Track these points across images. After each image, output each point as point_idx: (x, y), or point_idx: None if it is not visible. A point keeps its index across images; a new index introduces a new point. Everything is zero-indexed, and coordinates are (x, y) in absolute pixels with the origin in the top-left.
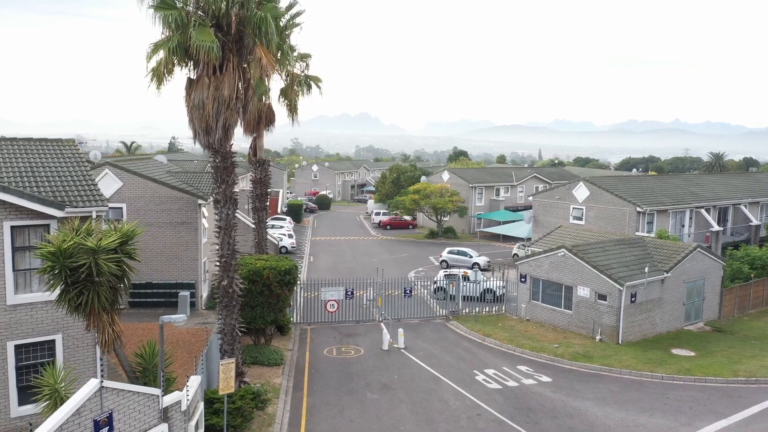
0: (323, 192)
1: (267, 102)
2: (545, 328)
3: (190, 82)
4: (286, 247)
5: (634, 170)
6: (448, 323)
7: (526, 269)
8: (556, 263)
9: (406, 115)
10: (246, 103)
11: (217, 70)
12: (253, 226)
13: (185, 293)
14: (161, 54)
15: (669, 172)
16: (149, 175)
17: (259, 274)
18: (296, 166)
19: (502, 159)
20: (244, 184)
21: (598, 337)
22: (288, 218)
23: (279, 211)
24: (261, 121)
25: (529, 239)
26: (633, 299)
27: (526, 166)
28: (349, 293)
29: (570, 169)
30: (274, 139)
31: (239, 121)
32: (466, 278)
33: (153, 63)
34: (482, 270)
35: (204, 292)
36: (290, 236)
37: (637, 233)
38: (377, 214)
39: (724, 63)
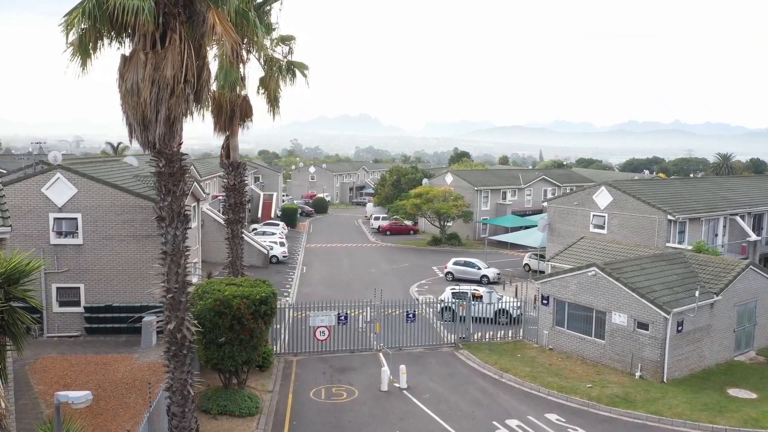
0: (320, 195)
1: (242, 93)
2: (572, 360)
3: (125, 61)
4: (277, 257)
5: (646, 172)
6: (457, 353)
7: (548, 290)
8: (586, 284)
9: (406, 116)
10: (199, 89)
11: (158, 44)
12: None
13: (151, 318)
14: (80, 24)
15: (674, 173)
16: (110, 180)
17: (227, 304)
18: (293, 167)
19: (504, 160)
20: None
21: (638, 374)
22: (281, 223)
23: (273, 215)
24: (235, 116)
25: (543, 248)
26: (680, 328)
27: (531, 167)
28: (341, 318)
29: (578, 171)
30: (273, 141)
31: (190, 113)
32: (477, 298)
33: (73, 36)
34: (491, 283)
35: None
36: (282, 244)
37: (667, 245)
38: (376, 218)
39: (699, 37)
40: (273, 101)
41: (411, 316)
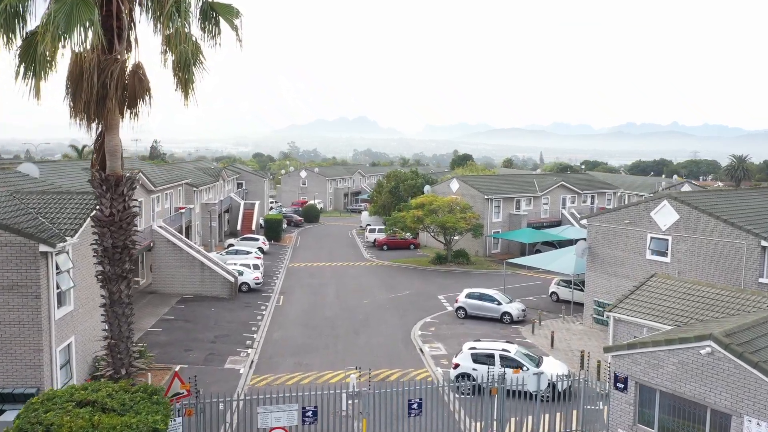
0: (312, 201)
1: (123, 57)
2: None
3: None
4: (248, 284)
5: (675, 177)
6: None
7: (627, 367)
8: (694, 366)
9: (404, 118)
10: None
11: None
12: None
13: (13, 414)
14: None
15: (684, 176)
16: None
17: None
18: (283, 172)
19: (509, 163)
20: (212, 196)
21: None
22: (261, 238)
23: (254, 227)
24: (109, 95)
25: (579, 275)
26: None
27: (537, 171)
28: (308, 414)
29: (596, 175)
30: (272, 144)
31: None
32: (507, 360)
33: None
34: (515, 322)
35: None
36: (256, 267)
37: (760, 281)
38: (372, 230)
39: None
40: (180, 67)
41: (417, 407)
